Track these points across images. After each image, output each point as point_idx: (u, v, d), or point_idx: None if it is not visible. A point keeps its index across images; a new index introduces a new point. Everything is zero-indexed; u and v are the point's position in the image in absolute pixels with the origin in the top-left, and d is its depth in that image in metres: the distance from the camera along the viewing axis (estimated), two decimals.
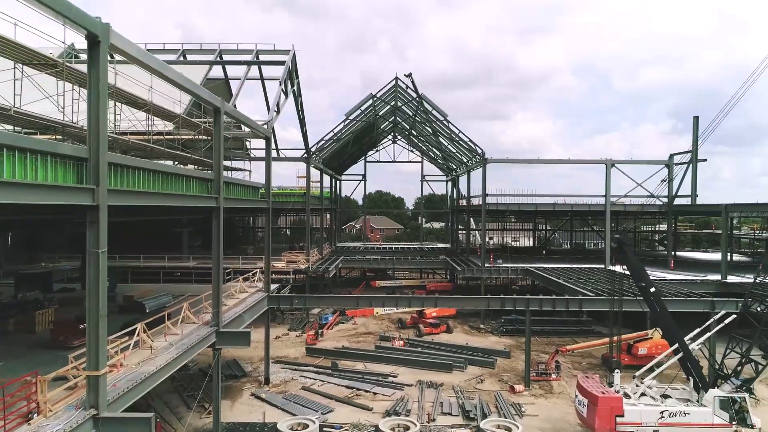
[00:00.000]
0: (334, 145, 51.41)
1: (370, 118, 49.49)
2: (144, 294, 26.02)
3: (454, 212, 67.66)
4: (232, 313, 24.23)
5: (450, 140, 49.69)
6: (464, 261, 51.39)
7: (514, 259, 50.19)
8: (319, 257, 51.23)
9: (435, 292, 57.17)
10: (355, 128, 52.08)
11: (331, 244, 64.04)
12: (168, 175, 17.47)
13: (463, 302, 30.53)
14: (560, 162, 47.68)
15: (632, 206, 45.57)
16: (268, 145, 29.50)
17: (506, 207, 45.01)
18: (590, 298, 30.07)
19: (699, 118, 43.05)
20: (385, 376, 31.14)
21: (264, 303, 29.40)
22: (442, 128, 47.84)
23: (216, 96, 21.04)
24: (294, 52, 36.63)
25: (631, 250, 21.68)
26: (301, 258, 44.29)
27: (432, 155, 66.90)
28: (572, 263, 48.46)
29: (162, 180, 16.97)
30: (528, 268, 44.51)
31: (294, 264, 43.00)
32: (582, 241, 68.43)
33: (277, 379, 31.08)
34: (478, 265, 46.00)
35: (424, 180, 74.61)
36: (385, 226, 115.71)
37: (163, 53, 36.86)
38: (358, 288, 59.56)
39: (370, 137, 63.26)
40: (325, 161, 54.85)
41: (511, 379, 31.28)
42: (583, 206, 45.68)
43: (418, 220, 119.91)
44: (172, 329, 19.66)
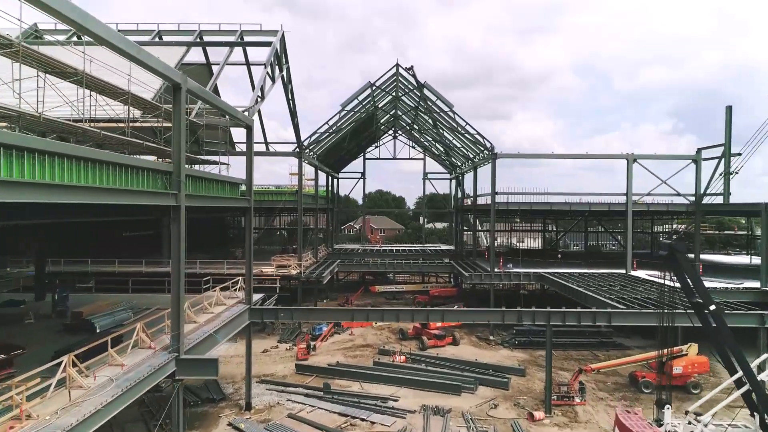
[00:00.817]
0: (330, 139, 47.45)
1: (369, 110, 45.50)
2: (100, 309, 22.08)
3: (458, 212, 63.69)
4: (201, 332, 20.29)
5: (455, 133, 45.72)
6: (471, 265, 47.43)
7: (525, 263, 46.21)
8: (313, 261, 47.28)
9: (439, 298, 53.33)
10: (352, 121, 48.13)
11: (327, 246, 60.09)
12: (99, 164, 13.51)
13: (474, 316, 26.55)
14: (576, 157, 43.72)
15: (656, 205, 41.55)
16: (249, 135, 25.54)
17: (517, 206, 41.04)
18: (621, 311, 26.08)
19: (732, 107, 39.03)
20: (384, 400, 27.17)
21: (244, 317, 25.44)
22: (446, 120, 43.86)
23: (176, 70, 17.09)
24: (283, 33, 32.64)
25: (686, 259, 17.73)
26: (293, 262, 40.35)
27: (435, 152, 62.92)
28: (589, 268, 44.48)
29: (89, 170, 13.01)
30: (542, 273, 40.54)
31: (284, 269, 39.06)
32: (596, 243, 64.30)
33: (260, 403, 27.11)
34: (486, 270, 42.05)
35: (426, 178, 70.67)
36: (386, 226, 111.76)
37: (136, 34, 32.95)
38: (356, 293, 55.58)
39: (369, 132, 59.31)
40: (321, 158, 50.90)
41: (528, 403, 27.30)
42: (601, 205, 41.66)
43: (420, 221, 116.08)
44: (115, 358, 15.70)
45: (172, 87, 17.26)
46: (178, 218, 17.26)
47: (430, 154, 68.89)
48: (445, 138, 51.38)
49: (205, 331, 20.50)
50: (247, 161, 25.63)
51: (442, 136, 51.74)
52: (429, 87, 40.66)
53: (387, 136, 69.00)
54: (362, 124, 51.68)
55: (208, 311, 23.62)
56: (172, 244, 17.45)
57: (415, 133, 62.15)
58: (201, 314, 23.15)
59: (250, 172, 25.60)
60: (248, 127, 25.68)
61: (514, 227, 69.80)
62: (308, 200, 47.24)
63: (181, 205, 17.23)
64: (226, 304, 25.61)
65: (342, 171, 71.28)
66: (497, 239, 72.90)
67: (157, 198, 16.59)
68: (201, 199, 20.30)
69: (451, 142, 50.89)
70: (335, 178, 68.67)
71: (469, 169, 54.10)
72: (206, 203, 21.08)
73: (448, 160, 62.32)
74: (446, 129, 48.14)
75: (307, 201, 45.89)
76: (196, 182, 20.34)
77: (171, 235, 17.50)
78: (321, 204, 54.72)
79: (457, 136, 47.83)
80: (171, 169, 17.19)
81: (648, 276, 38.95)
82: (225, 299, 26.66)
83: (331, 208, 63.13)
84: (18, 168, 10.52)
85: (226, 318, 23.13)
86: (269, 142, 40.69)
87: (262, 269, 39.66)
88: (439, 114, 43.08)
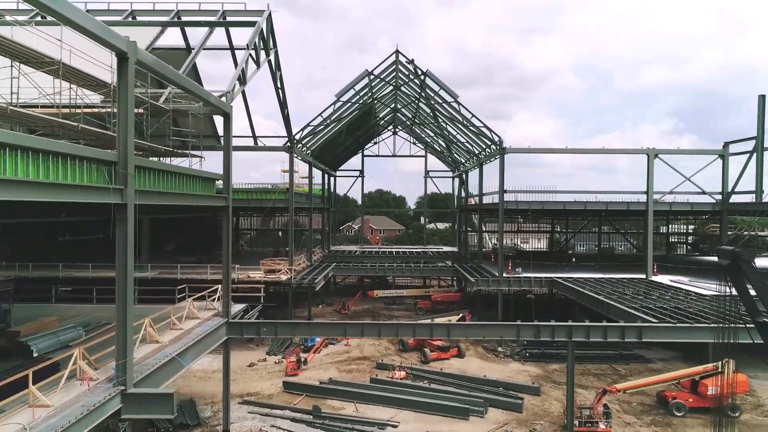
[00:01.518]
0: (325, 134, 44.16)
1: (367, 102, 42.14)
2: (45, 326, 18.75)
3: (461, 212, 60.33)
4: (162, 355, 16.97)
5: (459, 127, 42.38)
6: (476, 269, 44.10)
7: (534, 266, 42.85)
8: (306, 265, 43.96)
9: (442, 304, 50.00)
10: (349, 114, 44.83)
11: (323, 248, 56.76)
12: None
13: (484, 331, 23.16)
14: (593, 152, 40.26)
15: (680, 205, 38.15)
16: (227, 123, 22.23)
17: (528, 206, 37.68)
18: (654, 326, 22.73)
19: (766, 96, 35.67)
20: (381, 426, 23.86)
21: (221, 332, 22.13)
22: (450, 113, 40.51)
23: (121, 36, 13.75)
24: (269, 13, 29.30)
25: (754, 270, 14.43)
26: (284, 266, 37.03)
27: (437, 148, 59.59)
28: (603, 272, 41.14)
29: None
30: (554, 278, 37.20)
31: (274, 275, 35.75)
32: (609, 245, 60.78)
33: (240, 429, 23.82)
34: (493, 274, 38.72)
35: (428, 176, 67.30)
36: (386, 227, 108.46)
37: (107, 14, 29.65)
38: (354, 298, 52.26)
39: (367, 127, 55.99)
40: (315, 154, 47.60)
41: (546, 429, 23.99)
42: (620, 204, 38.26)
43: (421, 221, 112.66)
44: (39, 398, 12.37)
45: (117, 57, 13.92)
46: (125, 219, 13.93)
47: (431, 151, 65.55)
48: (447, 133, 48.06)
49: (167, 353, 17.16)
50: (225, 154, 22.32)
51: (444, 131, 48.44)
52: (431, 76, 37.33)
53: (386, 131, 65.68)
54: (360, 118, 48.38)
55: (176, 327, 20.29)
56: (118, 250, 14.13)
57: (416, 129, 58.81)
58: (167, 332, 19.83)
59: (227, 167, 22.29)
60: (225, 115, 22.36)
61: (520, 228, 66.40)
62: (301, 199, 43.95)
63: (128, 203, 13.90)
64: (199, 317, 22.28)
65: (339, 169, 67.95)
66: (492, 239, 69.54)
67: (96, 194, 13.29)
68: (160, 196, 16.97)
69: (454, 137, 47.55)
70: (332, 176, 65.36)
71: (474, 166, 50.77)
72: (168, 201, 17.75)
73: (451, 157, 59.02)
74: (449, 122, 44.82)
75: (300, 200, 42.59)
76: (156, 176, 17.01)
77: (116, 238, 14.16)
78: (316, 203, 51.41)
79: (461, 130, 44.51)
80: (116, 158, 13.87)
81: (672, 282, 35.61)
82: (200, 311, 23.34)
83: (328, 207, 59.82)
84: None
85: (197, 335, 19.81)
86: (258, 136, 37.45)
87: (249, 274, 36.36)
88: (442, 106, 39.74)
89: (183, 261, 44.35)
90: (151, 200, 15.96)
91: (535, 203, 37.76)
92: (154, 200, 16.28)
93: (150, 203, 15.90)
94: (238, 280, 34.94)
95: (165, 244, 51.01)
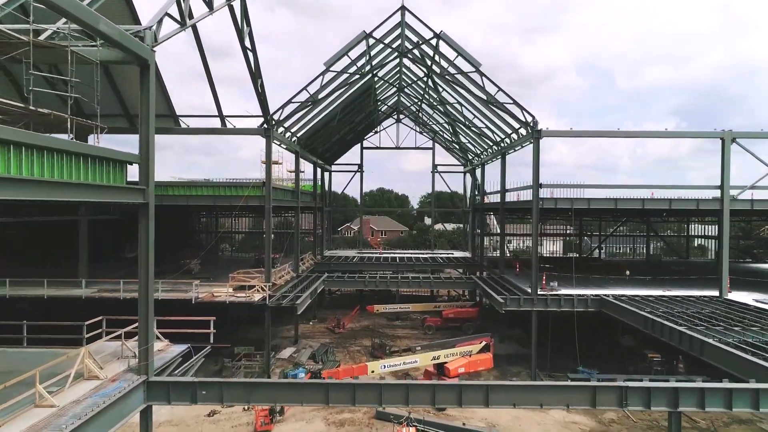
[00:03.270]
0: (314, 116, 36.17)
1: (365, 72, 34.00)
2: None
3: (475, 212, 52.33)
4: None
5: (480, 107, 34.31)
6: (499, 282, 36.11)
7: (568, 279, 34.88)
8: (291, 276, 35.99)
9: (454, 321, 42.05)
10: (343, 91, 36.88)
11: (316, 254, 48.78)
12: None
13: (541, 396, 15.18)
14: (651, 135, 31.71)
15: (763, 203, 30.00)
16: (144, 76, 14.19)
17: (569, 204, 29.60)
18: None
19: None
20: None
21: (135, 400, 14.16)
22: (468, 89, 32.51)
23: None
24: None
25: None
26: (259, 281, 29.10)
27: (448, 137, 51.53)
28: (659, 287, 33.19)
29: None
30: (602, 297, 29.19)
31: (244, 292, 27.81)
32: (658, 252, 52.43)
33: None
34: (524, 291, 30.70)
35: (436, 171, 59.25)
36: (388, 228, 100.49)
37: None
38: (351, 314, 44.32)
39: (366, 113, 48.00)
40: (304, 142, 39.64)
41: None
42: (688, 202, 30.14)
43: (424, 220, 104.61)
44: None
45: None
46: None
47: (440, 142, 57.49)
48: (461, 117, 40.04)
49: None
50: (142, 124, 14.32)
51: (458, 115, 40.43)
52: (447, 39, 29.31)
53: (388, 121, 57.67)
54: (357, 99, 40.41)
55: (45, 403, 12.32)
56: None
57: (422, 116, 50.77)
58: (30, 410, 11.92)
59: (145, 146, 14.32)
60: (142, 66, 14.31)
61: (544, 231, 58.18)
62: (286, 197, 35.98)
63: None
64: (99, 377, 14.29)
65: (336, 163, 59.95)
66: (511, 242, 61.60)
67: None
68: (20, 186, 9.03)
69: (470, 122, 39.52)
70: (327, 171, 57.35)
71: (493, 157, 42.77)
72: (33, 196, 9.82)
73: (462, 149, 51.01)
74: (465, 103, 36.82)
75: (283, 197, 34.63)
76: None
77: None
78: (306, 201, 43.46)
79: (480, 112, 36.50)
80: None
81: (759, 302, 27.60)
82: (106, 364, 15.41)
83: (321, 207, 51.83)
84: None
85: (81, 414, 11.87)
86: (226, 116, 29.54)
87: (214, 292, 28.44)
88: (455, 76, 31.69)
89: None
90: None
91: (578, 201, 29.62)
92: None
93: None
94: (197, 301, 27.02)
95: (128, 250, 43.04)
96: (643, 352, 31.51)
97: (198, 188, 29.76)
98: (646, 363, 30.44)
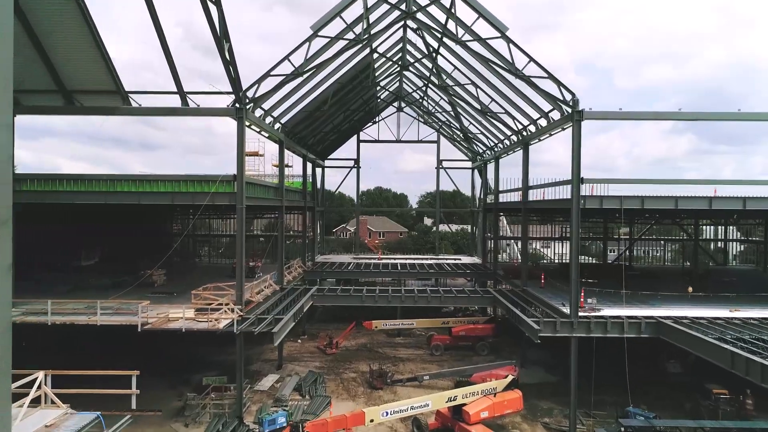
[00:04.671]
0: (300, 98, 30.16)
1: (362, 40, 27.91)
2: None
3: (486, 213, 46.39)
4: None
5: (504, 85, 28.26)
6: (523, 298, 30.17)
7: (604, 294, 29.06)
8: (273, 290, 29.98)
9: (466, 339, 36.18)
10: (335, 72, 30.93)
11: (306, 260, 42.78)
12: None
13: None
14: (717, 117, 25.60)
15: None
16: None
17: (618, 203, 23.55)
18: None
19: None
20: None
21: None
22: (489, 63, 26.50)
23: None
24: None
25: None
26: (228, 300, 23.06)
27: (455, 127, 45.52)
28: (721, 305, 27.35)
29: None
30: (659, 320, 23.27)
31: (205, 317, 21.74)
32: (705, 260, 46.05)
33: None
34: (560, 312, 24.73)
35: (441, 168, 53.29)
36: (386, 229, 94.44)
37: None
38: (345, 332, 38.39)
39: (363, 99, 41.99)
40: (290, 130, 33.67)
41: None
42: (759, 201, 24.22)
43: (424, 221, 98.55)
44: None
45: None
46: None
47: (447, 134, 51.53)
48: (475, 103, 34.09)
49: None
50: None
51: (469, 102, 34.48)
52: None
53: (388, 110, 51.69)
54: (353, 79, 34.37)
55: None
56: None
57: (427, 102, 44.76)
58: None
59: None
60: None
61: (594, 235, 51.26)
62: (265, 194, 29.95)
63: None
64: None
65: (329, 158, 53.92)
66: (509, 245, 55.70)
67: None
68: None
69: (484, 107, 33.51)
70: (319, 166, 51.34)
71: (509, 150, 36.87)
72: None
73: (466, 138, 45.01)
74: (481, 81, 30.87)
75: (261, 194, 28.61)
76: None
77: None
78: (293, 200, 37.46)
79: (500, 92, 30.55)
80: None
81: None
82: None
83: (312, 206, 45.81)
84: None
85: None
86: (188, 92, 23.45)
87: (171, 314, 22.35)
88: (476, 43, 25.69)
89: (95, 284, 30.56)
90: None
91: (629, 200, 23.55)
92: None
93: None
94: (144, 328, 20.92)
95: (85, 256, 37.02)
96: (703, 386, 25.67)
97: (152, 183, 23.70)
98: (711, 401, 24.60)
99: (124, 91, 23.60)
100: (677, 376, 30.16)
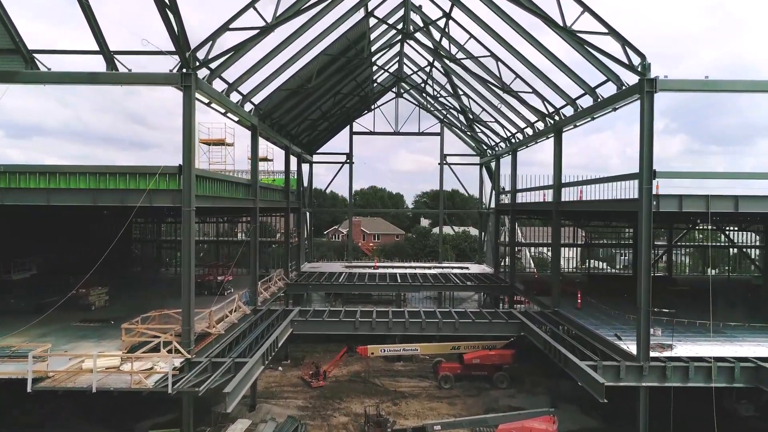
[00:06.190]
0: (275, 68, 23.72)
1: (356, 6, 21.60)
2: None
3: (499, 215, 40.17)
4: None
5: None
6: (558, 324, 23.89)
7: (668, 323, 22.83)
8: (245, 313, 23.52)
9: (481, 368, 29.87)
10: (320, 39, 24.59)
11: (289, 270, 36.29)
12: None
13: None
14: None
15: None
16: None
17: (704, 204, 17.29)
18: None
19: None
20: None
21: None
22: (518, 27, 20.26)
23: None
24: None
25: None
26: (170, 337, 16.63)
27: (462, 117, 39.15)
28: None
29: None
30: (761, 365, 17.08)
31: (139, 361, 15.27)
32: (756, 273, 39.50)
33: None
34: (623, 352, 18.43)
35: (445, 163, 47.02)
36: (381, 231, 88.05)
37: None
38: (335, 359, 32.03)
39: (357, 82, 35.60)
40: (266, 113, 27.23)
41: None
42: None
43: (421, 222, 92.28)
44: None
45: None
46: None
47: (454, 125, 45.26)
48: (495, 82, 27.86)
49: None
50: None
51: (487, 82, 28.24)
52: None
53: (386, 96, 45.34)
54: (345, 51, 27.96)
55: None
56: None
57: (432, 85, 38.42)
58: None
59: None
60: None
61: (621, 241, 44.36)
62: (231, 192, 23.44)
63: None
64: None
65: (317, 153, 47.49)
66: (511, 251, 49.66)
67: None
68: None
69: (506, 87, 27.24)
70: (306, 161, 44.90)
71: (534, 139, 30.67)
72: None
73: (476, 127, 38.78)
74: (512, 51, 24.65)
75: (223, 192, 22.11)
76: None
77: None
78: (272, 199, 31.01)
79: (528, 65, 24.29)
80: None
81: None
82: None
83: (298, 207, 39.36)
84: None
85: None
86: (116, 51, 16.95)
87: (83, 365, 15.85)
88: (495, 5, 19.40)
89: (14, 308, 24.09)
90: None
91: (718, 198, 17.41)
92: None
93: None
94: (35, 388, 14.44)
95: (17, 268, 30.30)
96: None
97: (67, 178, 17.20)
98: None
99: (26, 50, 17.08)
100: (751, 420, 24.04)
